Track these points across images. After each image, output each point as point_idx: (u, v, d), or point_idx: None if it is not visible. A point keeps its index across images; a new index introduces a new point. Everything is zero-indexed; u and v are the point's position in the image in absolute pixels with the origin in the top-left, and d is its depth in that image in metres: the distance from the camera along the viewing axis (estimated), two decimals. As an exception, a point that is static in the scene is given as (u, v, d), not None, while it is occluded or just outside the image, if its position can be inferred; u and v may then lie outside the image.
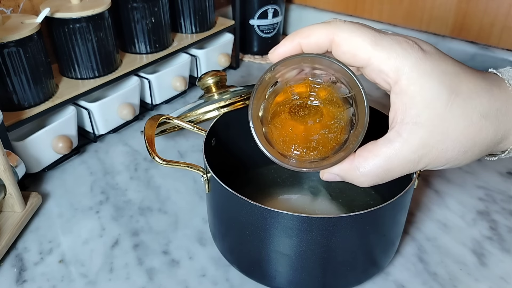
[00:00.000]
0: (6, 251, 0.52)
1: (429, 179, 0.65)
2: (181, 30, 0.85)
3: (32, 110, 0.61)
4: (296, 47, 0.35)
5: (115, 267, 0.52)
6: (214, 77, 0.65)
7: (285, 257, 0.44)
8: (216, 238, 0.52)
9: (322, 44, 0.34)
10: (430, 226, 0.57)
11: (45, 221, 0.58)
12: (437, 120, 0.32)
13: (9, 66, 0.58)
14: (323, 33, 0.34)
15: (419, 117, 0.32)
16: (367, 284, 0.49)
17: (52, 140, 0.63)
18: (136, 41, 0.76)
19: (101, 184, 0.64)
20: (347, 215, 0.41)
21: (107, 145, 0.72)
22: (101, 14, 0.65)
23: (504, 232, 0.56)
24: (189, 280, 0.50)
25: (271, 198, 0.59)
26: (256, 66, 0.98)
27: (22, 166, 0.57)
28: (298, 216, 0.41)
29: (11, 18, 0.61)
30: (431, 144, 0.33)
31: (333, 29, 0.33)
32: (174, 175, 0.65)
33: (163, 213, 0.59)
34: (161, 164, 0.45)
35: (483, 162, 0.68)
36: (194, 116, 0.58)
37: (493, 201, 0.61)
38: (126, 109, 0.72)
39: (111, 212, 0.59)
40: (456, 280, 0.50)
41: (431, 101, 0.32)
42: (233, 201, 0.43)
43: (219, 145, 0.55)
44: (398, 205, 0.44)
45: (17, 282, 0.50)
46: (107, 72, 0.71)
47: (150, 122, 0.51)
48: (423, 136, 0.32)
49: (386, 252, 0.48)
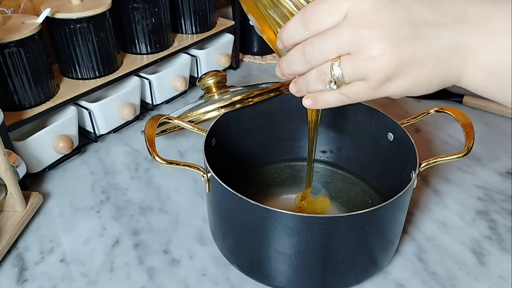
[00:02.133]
0: (7, 250, 0.53)
1: (429, 179, 0.65)
2: (182, 31, 0.86)
3: (33, 110, 0.62)
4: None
5: (116, 266, 0.52)
6: (214, 77, 0.66)
7: (285, 257, 0.44)
8: (216, 238, 0.52)
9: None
10: (429, 225, 0.57)
11: (46, 220, 0.58)
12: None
13: (10, 66, 0.58)
14: None
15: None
16: (367, 284, 0.49)
17: (53, 140, 0.64)
18: (136, 42, 0.76)
19: (102, 184, 0.64)
20: (346, 215, 0.41)
21: (108, 145, 0.72)
22: (101, 14, 0.66)
23: (503, 231, 0.56)
24: (189, 280, 0.50)
25: (271, 198, 0.60)
26: (256, 66, 0.98)
27: (23, 166, 0.57)
28: (298, 216, 0.41)
29: (12, 18, 0.61)
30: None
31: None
32: (175, 175, 0.65)
33: (163, 212, 0.59)
34: (162, 164, 0.45)
35: (482, 161, 0.68)
36: (195, 116, 0.59)
37: (493, 200, 0.61)
38: (127, 109, 0.72)
39: (112, 211, 0.59)
40: (456, 280, 0.50)
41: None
42: (233, 201, 0.44)
43: (219, 145, 0.55)
44: (397, 205, 0.44)
45: (18, 281, 0.50)
46: (107, 72, 0.71)
47: (151, 122, 0.51)
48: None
49: (386, 251, 0.49)
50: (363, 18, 0.32)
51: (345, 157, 0.63)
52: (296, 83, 0.39)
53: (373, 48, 0.32)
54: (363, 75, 0.33)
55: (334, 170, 0.63)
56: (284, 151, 0.64)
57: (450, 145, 0.73)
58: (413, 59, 0.32)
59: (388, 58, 0.32)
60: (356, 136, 0.60)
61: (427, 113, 0.55)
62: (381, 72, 0.32)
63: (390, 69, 0.32)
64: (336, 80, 0.34)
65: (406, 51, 0.31)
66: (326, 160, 0.64)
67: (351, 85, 0.34)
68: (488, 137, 0.74)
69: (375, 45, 0.31)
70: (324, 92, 0.36)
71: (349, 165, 0.63)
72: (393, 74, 0.32)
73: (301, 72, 0.37)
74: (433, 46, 0.32)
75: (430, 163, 0.48)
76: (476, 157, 0.69)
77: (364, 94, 0.35)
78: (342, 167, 0.63)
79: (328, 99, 0.37)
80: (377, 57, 0.32)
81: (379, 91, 0.34)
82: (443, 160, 0.49)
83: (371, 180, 0.61)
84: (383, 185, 0.59)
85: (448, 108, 0.54)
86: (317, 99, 0.37)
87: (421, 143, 0.72)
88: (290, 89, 0.40)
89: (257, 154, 0.63)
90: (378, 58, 0.32)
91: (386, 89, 0.34)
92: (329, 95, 0.36)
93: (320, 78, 0.35)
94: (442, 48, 0.32)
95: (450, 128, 0.76)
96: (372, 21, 0.31)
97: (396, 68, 0.32)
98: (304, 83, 0.37)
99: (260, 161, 0.64)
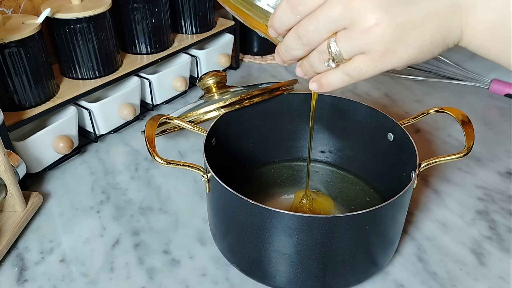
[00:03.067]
0: (7, 250, 0.53)
1: (429, 179, 0.65)
2: (182, 31, 0.86)
3: (33, 110, 0.62)
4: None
5: (116, 266, 0.52)
6: (214, 78, 0.66)
7: (285, 257, 0.44)
8: (216, 238, 0.52)
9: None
10: (429, 225, 0.57)
11: (46, 220, 0.58)
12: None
13: (10, 66, 0.58)
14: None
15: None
16: (367, 284, 0.49)
17: (53, 140, 0.64)
18: (136, 42, 0.76)
19: (102, 184, 0.64)
20: (346, 215, 0.41)
21: (108, 145, 0.72)
22: (101, 14, 0.66)
23: (503, 231, 0.56)
24: (189, 280, 0.50)
25: (271, 198, 0.60)
26: (256, 66, 0.98)
27: (23, 166, 0.57)
28: (298, 216, 0.41)
29: (12, 18, 0.61)
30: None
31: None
32: (175, 175, 0.65)
33: (163, 212, 0.59)
34: (162, 164, 0.45)
35: (482, 161, 0.68)
36: (195, 116, 0.59)
37: (492, 200, 0.61)
38: (127, 109, 0.72)
39: (112, 211, 0.59)
40: (456, 280, 0.50)
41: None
42: (233, 201, 0.44)
43: (219, 145, 0.55)
44: (397, 205, 0.44)
45: (18, 281, 0.50)
46: (107, 72, 0.71)
47: (151, 122, 0.51)
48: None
49: (386, 251, 0.49)
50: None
51: (345, 157, 0.63)
52: (302, 66, 0.37)
53: (367, 19, 0.30)
54: (362, 48, 0.32)
55: (334, 170, 0.63)
56: (284, 151, 0.64)
57: (450, 145, 0.73)
58: (411, 23, 0.31)
59: (384, 27, 0.30)
60: (356, 136, 0.60)
61: (427, 113, 0.55)
62: (379, 42, 0.31)
63: (388, 38, 0.31)
64: (335, 57, 0.33)
65: (402, 16, 0.30)
66: (326, 160, 0.64)
67: (351, 61, 0.33)
68: (488, 137, 0.74)
69: (369, 15, 0.30)
70: (328, 73, 0.35)
71: (349, 165, 0.63)
72: (393, 43, 0.31)
73: (302, 55, 0.36)
74: (430, 7, 0.31)
75: (430, 163, 0.48)
76: (476, 157, 0.69)
77: (366, 70, 0.33)
78: (342, 167, 0.63)
79: (331, 80, 0.36)
80: (372, 27, 0.30)
81: (382, 64, 0.32)
82: (443, 160, 0.49)
83: (371, 180, 0.61)
84: (383, 185, 0.59)
85: (448, 108, 0.54)
86: (322, 82, 0.36)
87: (421, 143, 0.72)
88: (297, 72, 0.38)
89: (257, 154, 0.63)
90: (374, 28, 0.30)
91: (388, 60, 0.32)
92: (332, 75, 0.35)
93: (321, 58, 0.34)
94: (441, 9, 0.31)
95: (450, 128, 0.76)
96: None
97: (395, 35, 0.31)
98: (309, 66, 0.36)
99: (260, 161, 0.64)
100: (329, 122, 0.61)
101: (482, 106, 0.83)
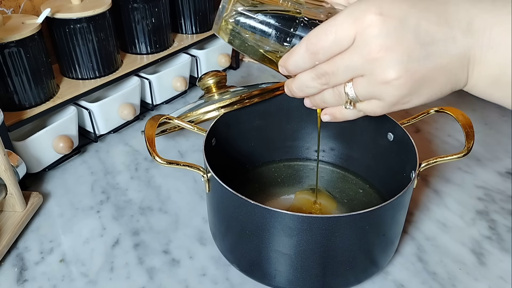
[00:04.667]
0: (7, 250, 0.53)
1: (429, 179, 0.65)
2: (182, 31, 0.86)
3: (33, 110, 0.62)
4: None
5: (116, 266, 0.52)
6: (214, 78, 0.66)
7: (285, 257, 0.44)
8: (216, 238, 0.52)
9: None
10: (429, 225, 0.57)
11: (46, 220, 0.58)
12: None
13: (10, 66, 0.58)
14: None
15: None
16: (367, 284, 0.49)
17: (53, 140, 0.64)
18: (136, 42, 0.76)
19: (102, 184, 0.64)
20: (346, 215, 0.41)
21: (108, 145, 0.72)
22: (101, 14, 0.66)
23: (503, 231, 0.56)
24: (189, 280, 0.50)
25: (271, 198, 0.60)
26: (256, 66, 0.98)
27: (23, 166, 0.57)
28: (298, 216, 0.41)
29: (12, 18, 0.61)
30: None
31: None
32: (175, 175, 0.65)
33: (163, 212, 0.59)
34: (162, 164, 0.45)
35: (482, 161, 0.68)
36: (195, 116, 0.59)
37: (492, 200, 0.61)
38: (127, 109, 0.72)
39: (112, 211, 0.59)
40: (456, 280, 0.50)
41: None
42: (233, 201, 0.44)
43: (219, 145, 0.55)
44: (397, 205, 0.44)
45: (18, 281, 0.50)
46: (107, 72, 0.71)
47: (151, 122, 0.51)
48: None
49: (386, 251, 0.49)
50: (372, 43, 0.32)
51: (345, 157, 0.63)
52: (311, 100, 0.39)
53: (387, 73, 0.32)
54: (379, 96, 0.34)
55: (334, 170, 0.63)
56: (284, 151, 0.64)
57: (450, 145, 0.73)
58: (426, 79, 0.33)
59: (403, 82, 0.32)
60: (356, 136, 0.60)
61: (427, 113, 0.55)
62: (395, 95, 0.33)
63: (405, 92, 0.33)
64: (351, 99, 0.35)
65: (420, 72, 0.32)
66: (326, 159, 0.64)
67: (366, 103, 0.36)
68: (488, 137, 0.74)
69: (389, 70, 0.32)
70: (342, 109, 0.38)
71: (349, 165, 0.63)
72: (408, 96, 0.33)
73: (315, 93, 0.38)
74: (443, 62, 0.32)
75: (430, 163, 0.48)
76: (476, 157, 0.69)
77: (380, 111, 0.36)
78: (342, 166, 0.63)
79: (346, 114, 0.38)
80: (392, 81, 0.32)
81: (394, 108, 0.36)
82: (443, 160, 0.49)
83: (371, 180, 0.61)
84: (383, 185, 0.59)
85: (448, 108, 0.54)
86: (336, 116, 0.39)
87: (421, 143, 0.72)
88: (306, 104, 0.40)
89: (257, 154, 0.63)
90: (393, 82, 0.32)
91: (401, 106, 0.35)
92: (347, 111, 0.38)
93: (335, 97, 0.36)
94: (453, 63, 0.32)
95: (450, 128, 0.76)
96: (382, 46, 0.31)
97: (411, 90, 0.33)
98: (320, 101, 0.38)
99: (260, 161, 0.64)
100: (329, 122, 0.61)
101: (482, 106, 0.83)
